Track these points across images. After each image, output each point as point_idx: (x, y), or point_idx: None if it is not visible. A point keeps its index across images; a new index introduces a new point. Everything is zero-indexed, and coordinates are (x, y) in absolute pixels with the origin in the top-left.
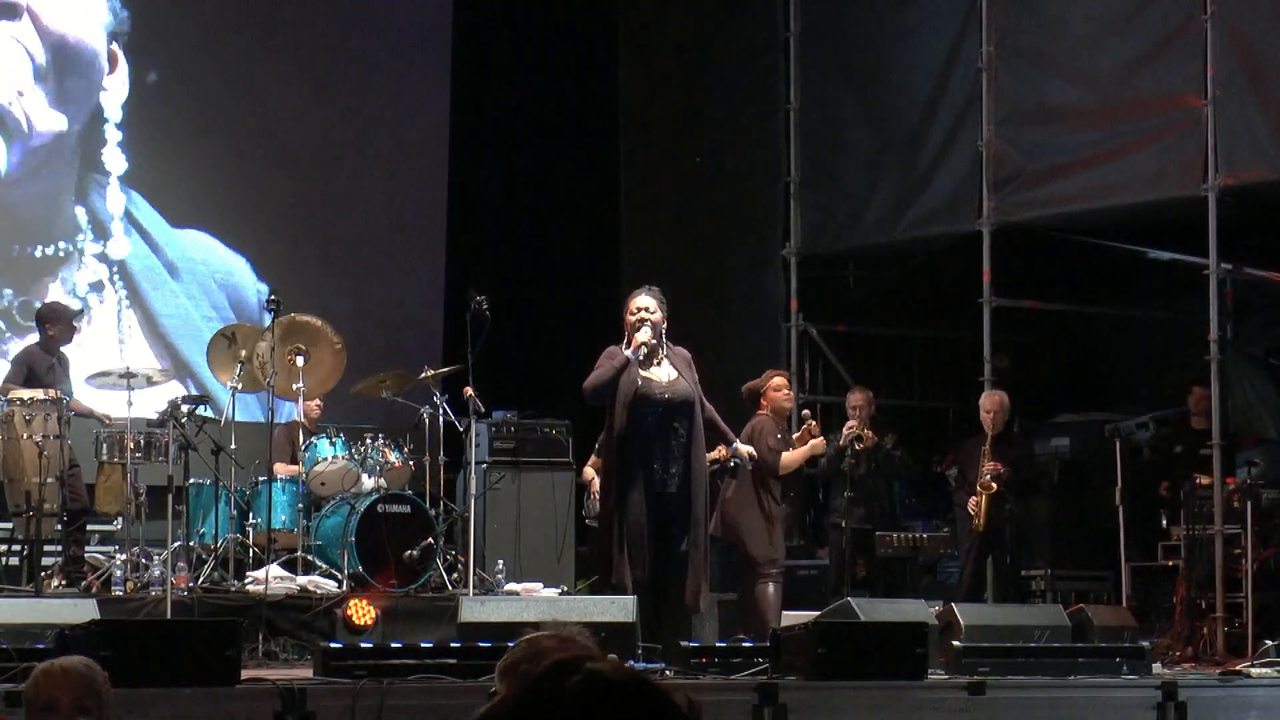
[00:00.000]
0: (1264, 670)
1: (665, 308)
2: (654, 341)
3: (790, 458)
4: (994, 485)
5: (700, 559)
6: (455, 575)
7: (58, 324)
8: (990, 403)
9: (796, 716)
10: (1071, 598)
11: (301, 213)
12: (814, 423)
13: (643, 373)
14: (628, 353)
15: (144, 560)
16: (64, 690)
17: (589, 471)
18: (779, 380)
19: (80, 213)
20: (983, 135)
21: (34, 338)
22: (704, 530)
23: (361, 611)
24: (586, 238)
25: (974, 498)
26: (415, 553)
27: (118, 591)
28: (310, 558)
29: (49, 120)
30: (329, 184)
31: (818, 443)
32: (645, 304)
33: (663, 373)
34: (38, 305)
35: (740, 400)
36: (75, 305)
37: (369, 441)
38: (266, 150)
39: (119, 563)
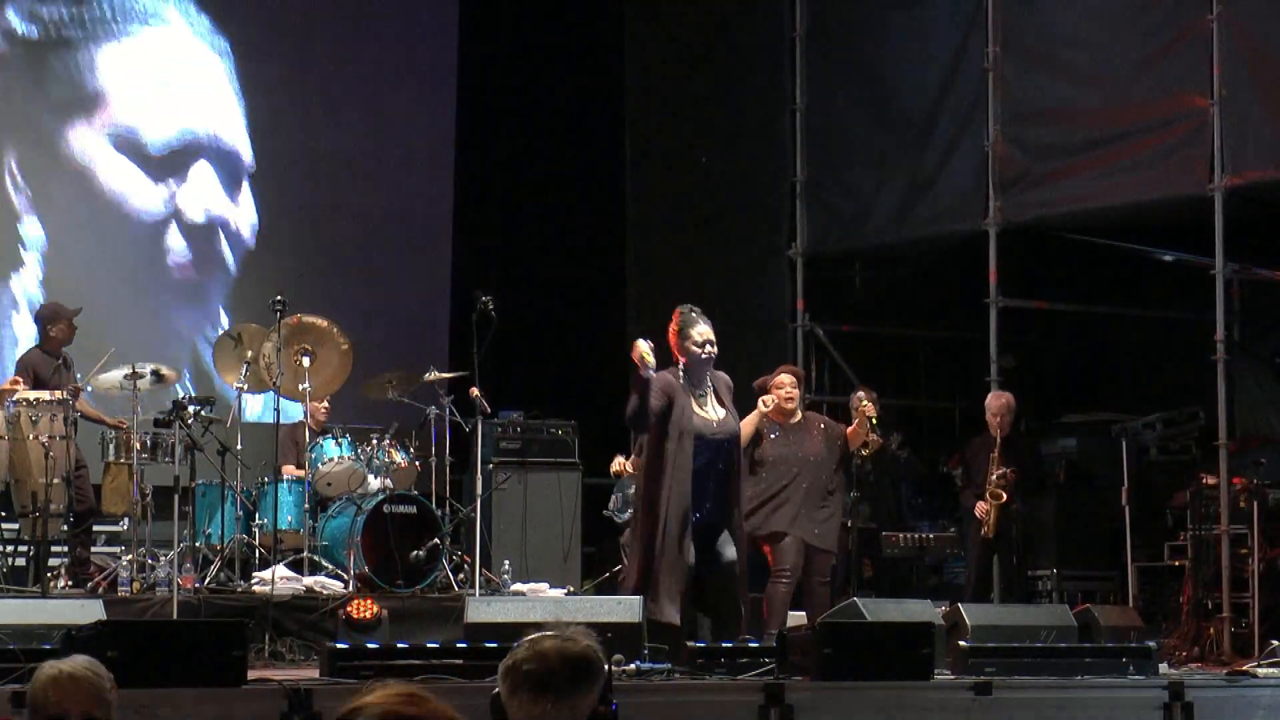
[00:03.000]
0: (1270, 670)
1: None
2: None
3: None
4: (1004, 495)
5: (742, 584)
6: (461, 576)
7: (57, 323)
8: (997, 405)
9: (803, 717)
10: (1078, 598)
11: (307, 213)
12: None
13: (697, 411)
14: (658, 372)
15: (150, 561)
16: (73, 700)
17: (623, 466)
18: (781, 378)
19: None
20: (989, 135)
21: (33, 340)
22: (744, 558)
23: (362, 607)
24: (592, 238)
25: (983, 503)
26: (421, 553)
27: (124, 592)
28: (316, 558)
29: None
30: (335, 184)
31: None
32: (711, 336)
33: (713, 410)
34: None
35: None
36: (74, 306)
37: (375, 442)
38: (270, 149)
39: (125, 563)
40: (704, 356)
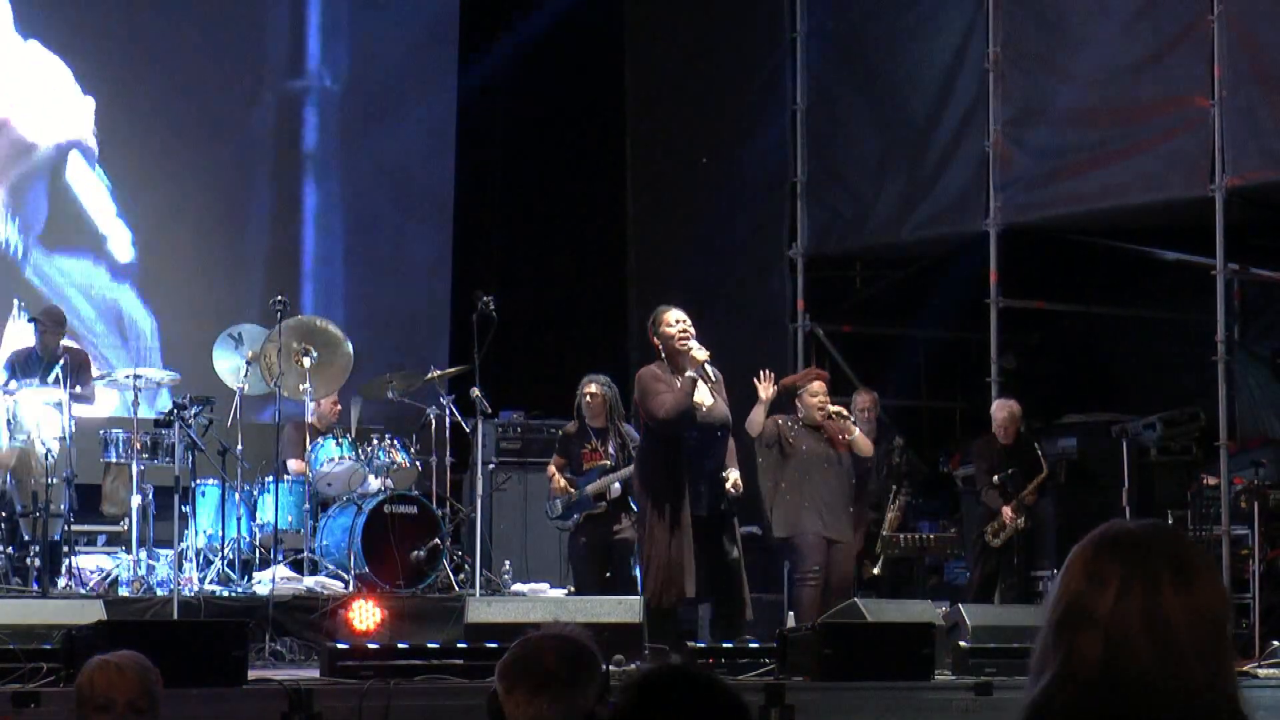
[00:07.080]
0: (1271, 671)
1: None
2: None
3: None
4: (1021, 525)
5: (743, 569)
6: (462, 576)
7: (42, 324)
8: (1001, 416)
9: (803, 717)
10: None
11: (308, 212)
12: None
13: None
14: (691, 373)
15: (151, 561)
16: (120, 689)
17: (558, 477)
18: (814, 386)
19: None
20: (989, 136)
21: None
22: (739, 543)
23: (364, 615)
24: (593, 238)
25: (1008, 509)
26: (422, 553)
27: (124, 592)
28: (317, 558)
29: None
30: (335, 184)
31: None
32: (683, 316)
33: (703, 395)
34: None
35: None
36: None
37: (376, 442)
38: (271, 149)
39: (125, 563)
40: (679, 335)
